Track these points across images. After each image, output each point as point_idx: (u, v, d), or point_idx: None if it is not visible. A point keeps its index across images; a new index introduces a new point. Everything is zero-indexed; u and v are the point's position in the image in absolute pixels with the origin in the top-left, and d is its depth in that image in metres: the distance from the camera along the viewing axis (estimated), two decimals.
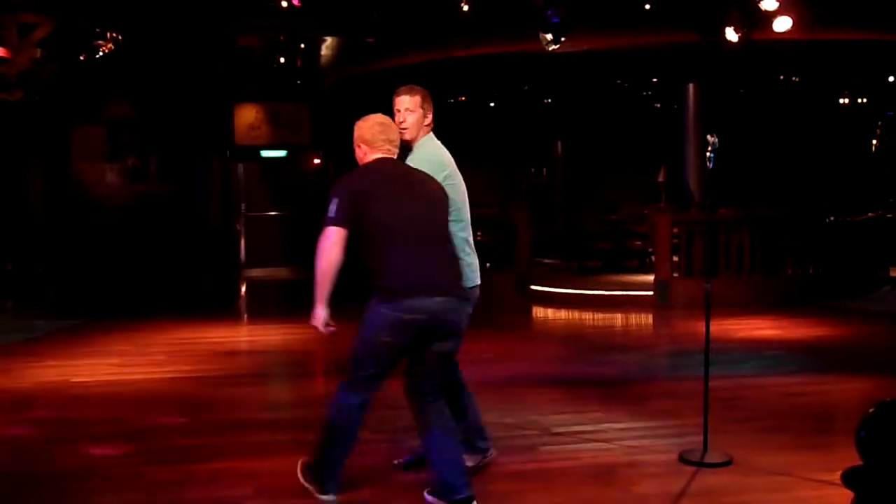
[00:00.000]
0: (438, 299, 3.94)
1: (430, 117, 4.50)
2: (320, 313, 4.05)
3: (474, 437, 4.71)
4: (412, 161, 4.40)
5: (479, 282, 4.51)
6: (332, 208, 3.96)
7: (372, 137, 4.20)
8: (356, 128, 4.25)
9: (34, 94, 12.08)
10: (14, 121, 13.35)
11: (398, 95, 4.48)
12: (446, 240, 4.17)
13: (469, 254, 4.47)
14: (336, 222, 3.94)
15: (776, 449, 5.03)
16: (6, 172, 14.04)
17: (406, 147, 4.43)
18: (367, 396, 4.12)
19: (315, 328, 4.06)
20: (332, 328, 4.08)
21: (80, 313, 10.76)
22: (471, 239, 4.53)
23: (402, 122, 4.41)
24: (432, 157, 4.42)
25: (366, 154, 4.22)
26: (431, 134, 4.56)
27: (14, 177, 14.16)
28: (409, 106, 4.44)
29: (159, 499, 4.41)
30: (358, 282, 4.12)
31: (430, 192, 4.16)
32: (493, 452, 4.78)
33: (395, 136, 4.26)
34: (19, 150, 14.11)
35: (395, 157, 4.26)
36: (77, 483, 4.66)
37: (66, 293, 12.90)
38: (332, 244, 3.94)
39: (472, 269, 4.45)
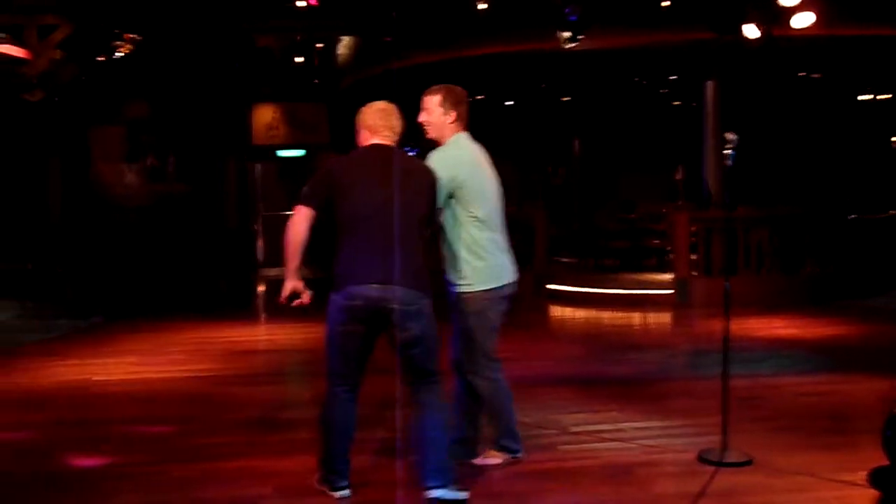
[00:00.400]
0: (375, 286, 4.03)
1: (453, 115, 4.53)
2: (288, 286, 4.29)
3: (505, 435, 4.73)
4: (429, 159, 4.42)
5: (479, 286, 4.50)
6: (307, 188, 4.21)
7: (373, 123, 4.30)
8: (359, 113, 4.37)
9: (54, 94, 12.17)
10: (34, 121, 13.45)
11: (423, 95, 4.58)
12: (410, 234, 4.12)
13: (478, 256, 4.47)
14: (305, 202, 4.19)
15: (796, 449, 4.99)
16: (26, 173, 14.14)
17: (435, 145, 4.53)
18: (349, 388, 4.23)
19: (284, 301, 4.27)
20: (301, 301, 4.27)
21: (98, 313, 10.82)
22: (484, 240, 4.50)
23: (422, 122, 4.54)
24: (442, 160, 4.45)
25: (366, 139, 4.31)
26: (461, 134, 4.60)
27: (34, 177, 14.26)
28: (427, 105, 4.55)
29: (179, 497, 4.42)
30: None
31: (414, 184, 4.17)
32: (521, 455, 4.78)
33: (397, 124, 4.32)
34: (39, 150, 14.21)
35: (394, 143, 4.32)
36: (97, 482, 4.69)
37: (84, 293, 12.97)
38: (297, 221, 4.22)
39: (474, 271, 4.47)
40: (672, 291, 11.12)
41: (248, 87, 15.55)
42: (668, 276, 11.49)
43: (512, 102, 17.32)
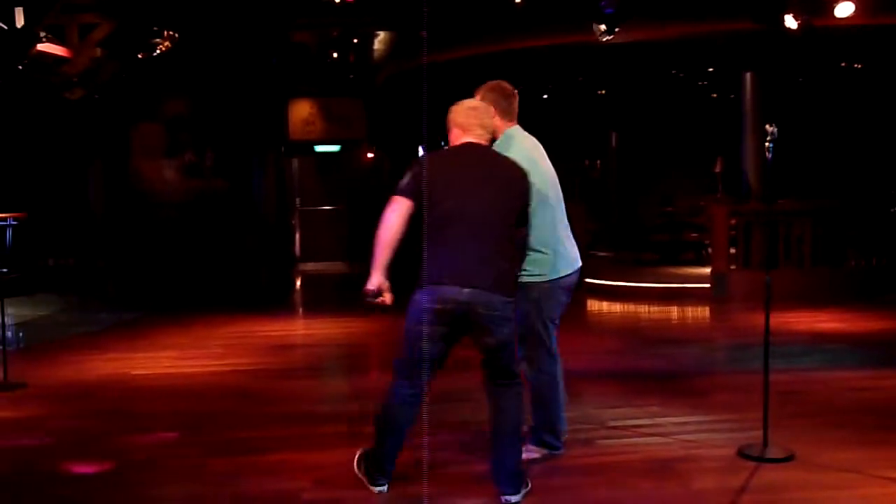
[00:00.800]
0: (466, 290, 3.94)
1: (492, 110, 4.49)
2: (374, 280, 4.07)
3: (547, 431, 4.77)
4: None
5: (541, 276, 4.57)
6: (405, 180, 4.02)
7: (465, 121, 4.22)
8: (450, 111, 4.28)
9: (94, 92, 12.32)
10: (75, 119, 13.64)
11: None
12: (502, 237, 4.08)
13: (536, 250, 4.54)
14: (404, 193, 3.99)
15: (839, 444, 4.92)
16: (68, 170, 14.35)
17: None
18: (417, 387, 4.14)
19: (366, 295, 4.08)
20: (383, 300, 4.09)
21: (139, 307, 10.97)
22: (546, 234, 4.57)
23: None
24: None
25: (457, 138, 4.24)
26: (514, 128, 4.70)
27: (76, 174, 14.46)
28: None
29: (219, 490, 4.46)
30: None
31: (505, 184, 4.12)
32: (561, 452, 4.78)
33: (489, 122, 4.29)
34: (81, 147, 14.41)
35: (487, 142, 4.27)
36: (138, 474, 4.75)
37: (126, 288, 13.15)
38: (394, 213, 3.98)
39: (533, 264, 4.53)
40: (710, 285, 11.02)
41: (284, 83, 15.63)
42: (706, 270, 11.38)
43: (548, 96, 17.24)
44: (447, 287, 3.95)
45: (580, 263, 4.78)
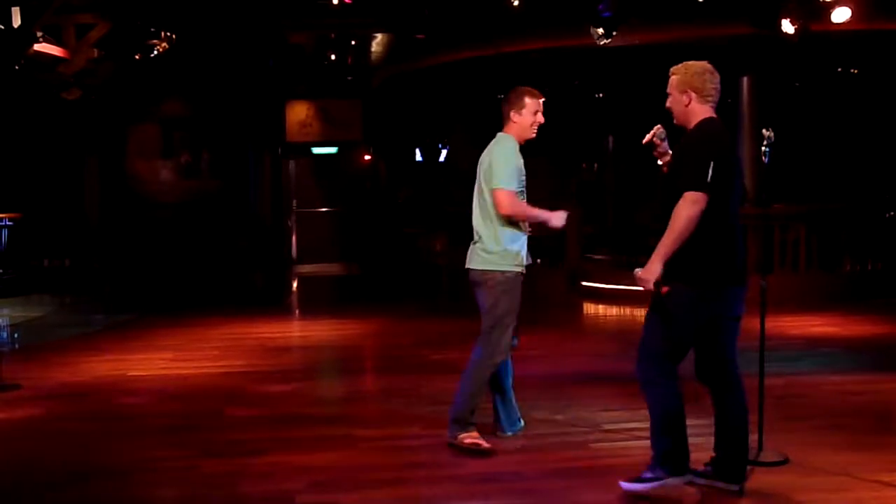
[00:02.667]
0: (742, 289, 3.95)
1: (507, 112, 4.88)
2: (656, 268, 3.92)
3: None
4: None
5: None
6: (707, 171, 3.81)
7: (702, 85, 4.05)
8: (679, 73, 4.12)
9: (91, 93, 12.32)
10: (71, 119, 13.63)
11: (539, 98, 5.00)
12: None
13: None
14: (709, 189, 3.82)
15: (833, 448, 4.93)
16: (64, 170, 14.34)
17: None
18: (676, 379, 4.14)
19: (640, 281, 3.97)
20: (664, 289, 3.95)
21: (135, 308, 10.95)
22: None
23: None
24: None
25: (690, 102, 4.04)
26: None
27: (72, 174, 14.45)
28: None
29: (214, 492, 4.45)
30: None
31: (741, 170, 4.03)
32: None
33: (719, 88, 4.15)
34: (77, 147, 14.40)
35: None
36: (133, 475, 4.74)
37: (121, 288, 13.14)
38: (697, 209, 3.82)
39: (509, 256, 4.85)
40: None
41: (281, 85, 15.62)
42: None
43: (545, 99, 17.25)
44: (737, 289, 3.95)
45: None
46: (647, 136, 4.03)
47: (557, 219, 4.80)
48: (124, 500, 4.42)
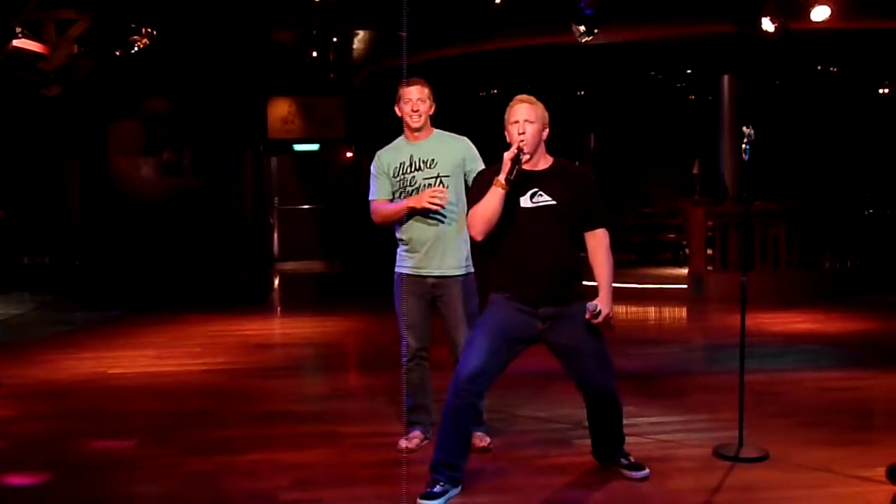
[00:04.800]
0: None
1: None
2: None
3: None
4: (444, 146, 4.80)
5: None
6: None
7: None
8: (539, 106, 4.50)
9: (71, 89, 12.22)
10: (52, 116, 13.52)
11: (409, 86, 4.87)
12: None
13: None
14: None
15: (813, 444, 4.97)
16: (45, 167, 14.23)
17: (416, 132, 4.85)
18: None
19: (610, 318, 4.32)
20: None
21: (116, 306, 10.90)
22: None
23: (417, 112, 4.83)
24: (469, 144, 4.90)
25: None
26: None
27: (52, 171, 14.34)
28: (420, 96, 4.85)
29: (196, 490, 4.44)
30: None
31: None
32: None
33: None
34: (57, 144, 14.29)
35: None
36: (115, 474, 4.72)
37: (102, 286, 13.06)
38: None
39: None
40: (687, 286, 11.09)
41: (263, 82, 15.57)
42: (683, 271, 11.45)
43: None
44: None
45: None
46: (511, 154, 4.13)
47: (415, 200, 4.70)
48: (106, 498, 4.40)
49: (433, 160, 4.78)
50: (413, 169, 4.80)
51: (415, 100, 4.79)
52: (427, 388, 4.94)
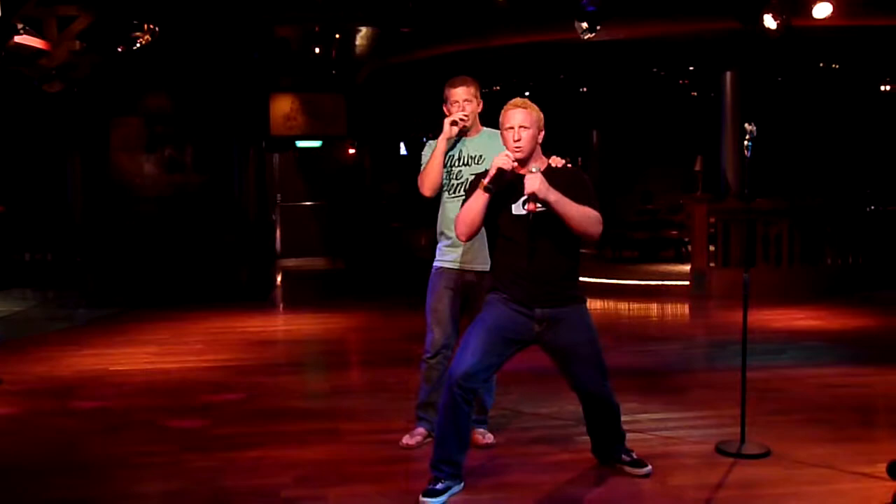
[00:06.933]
0: None
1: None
2: (548, 191, 4.09)
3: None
4: (493, 144, 4.69)
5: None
6: None
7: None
8: (534, 110, 4.42)
9: (73, 86, 12.21)
10: (53, 113, 13.53)
11: (454, 87, 4.80)
12: None
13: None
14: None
15: (815, 441, 4.97)
16: (46, 163, 14.24)
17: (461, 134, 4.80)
18: None
19: (533, 181, 4.09)
20: (532, 206, 4.07)
21: (118, 303, 10.91)
22: None
23: (464, 112, 4.80)
24: None
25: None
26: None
27: (54, 168, 14.35)
28: (467, 97, 4.82)
29: (199, 487, 4.44)
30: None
31: None
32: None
33: None
34: (59, 141, 14.30)
35: None
36: (117, 470, 4.72)
37: (104, 283, 13.05)
38: (597, 234, 4.32)
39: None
40: (689, 283, 11.09)
41: (266, 78, 15.56)
42: (685, 268, 11.44)
43: (529, 94, 17.27)
44: None
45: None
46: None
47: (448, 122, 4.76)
48: (107, 495, 4.40)
49: (481, 156, 4.83)
50: (461, 163, 4.85)
51: (461, 101, 4.81)
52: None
